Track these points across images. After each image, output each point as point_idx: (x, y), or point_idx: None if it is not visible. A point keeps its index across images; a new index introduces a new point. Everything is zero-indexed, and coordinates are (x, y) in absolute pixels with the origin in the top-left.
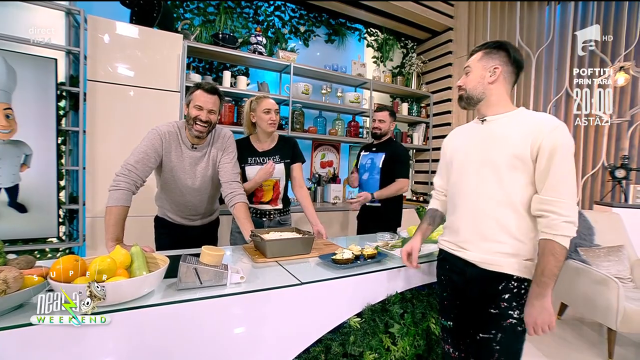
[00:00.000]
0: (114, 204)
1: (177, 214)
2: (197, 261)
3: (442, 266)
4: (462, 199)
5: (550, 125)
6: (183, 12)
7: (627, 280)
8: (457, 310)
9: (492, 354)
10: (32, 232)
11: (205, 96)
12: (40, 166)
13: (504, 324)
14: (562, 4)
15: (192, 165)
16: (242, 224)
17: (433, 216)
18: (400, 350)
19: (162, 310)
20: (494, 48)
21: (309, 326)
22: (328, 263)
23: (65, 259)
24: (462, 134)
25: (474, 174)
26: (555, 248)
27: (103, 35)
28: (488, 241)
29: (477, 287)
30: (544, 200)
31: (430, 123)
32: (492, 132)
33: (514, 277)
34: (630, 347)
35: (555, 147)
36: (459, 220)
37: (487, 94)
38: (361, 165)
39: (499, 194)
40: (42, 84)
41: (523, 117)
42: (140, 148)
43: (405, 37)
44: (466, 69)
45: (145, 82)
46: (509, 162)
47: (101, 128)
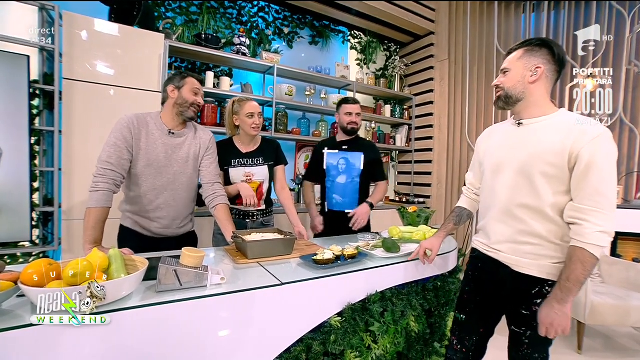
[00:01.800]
0: (93, 206)
1: (148, 219)
2: (177, 263)
3: (474, 263)
4: (494, 202)
5: (593, 133)
6: (165, 11)
7: (595, 276)
8: (474, 306)
9: (522, 345)
10: (2, 236)
11: (197, 83)
12: (11, 167)
13: (535, 324)
14: (536, 13)
15: (168, 153)
16: (224, 225)
17: (460, 215)
18: (380, 348)
19: (142, 313)
20: (537, 45)
21: (290, 326)
22: (309, 263)
23: (37, 262)
24: (496, 134)
25: (506, 178)
26: (585, 256)
27: (81, 32)
28: (520, 244)
29: (509, 287)
30: (578, 209)
31: (412, 125)
32: (528, 137)
33: (549, 282)
34: (598, 338)
35: (595, 156)
36: (491, 224)
37: (527, 93)
38: (331, 167)
39: (530, 200)
40: (12, 81)
41: (563, 121)
42: (109, 141)
43: (388, 40)
44: (503, 69)
45: (126, 82)
46: (543, 169)
47: (79, 128)
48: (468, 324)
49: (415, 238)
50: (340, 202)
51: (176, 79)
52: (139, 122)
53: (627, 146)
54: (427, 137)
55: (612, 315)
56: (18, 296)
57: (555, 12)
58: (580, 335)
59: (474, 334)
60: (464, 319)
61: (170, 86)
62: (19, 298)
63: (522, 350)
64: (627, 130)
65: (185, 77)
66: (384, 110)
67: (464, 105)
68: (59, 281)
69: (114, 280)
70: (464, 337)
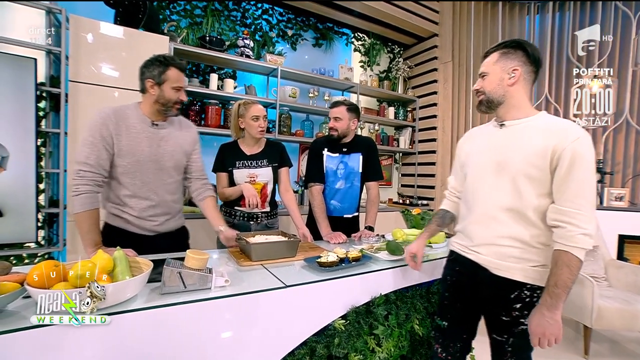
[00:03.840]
0: (80, 210)
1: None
2: (181, 265)
3: (452, 267)
4: (476, 204)
5: (573, 135)
6: (169, 13)
7: (601, 279)
8: (455, 312)
9: (505, 353)
10: (8, 237)
11: (181, 75)
12: (18, 168)
13: (515, 330)
14: (540, 14)
15: (153, 147)
16: (212, 216)
17: (443, 217)
18: (384, 351)
19: (146, 315)
20: (512, 47)
21: (294, 329)
22: (313, 266)
23: (43, 264)
24: (478, 136)
25: (489, 180)
26: (571, 260)
27: (86, 35)
28: (499, 246)
29: (488, 290)
30: (561, 211)
31: (416, 127)
32: (510, 139)
33: (527, 286)
34: (605, 343)
35: (576, 158)
36: (472, 225)
37: (508, 96)
38: (330, 172)
39: (513, 202)
40: (20, 84)
41: (544, 123)
42: (85, 140)
43: (391, 42)
44: (482, 73)
45: (130, 84)
46: (526, 171)
47: (84, 130)
48: (451, 330)
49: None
50: (339, 208)
51: (155, 71)
52: (117, 116)
53: (633, 148)
54: (431, 139)
55: (619, 320)
56: (24, 297)
57: (560, 14)
58: (587, 340)
59: (458, 341)
60: (446, 325)
61: (149, 80)
62: (25, 299)
63: (506, 359)
64: (633, 132)
65: (165, 69)
66: (387, 112)
67: (468, 107)
68: (64, 282)
69: (118, 282)
70: (447, 345)
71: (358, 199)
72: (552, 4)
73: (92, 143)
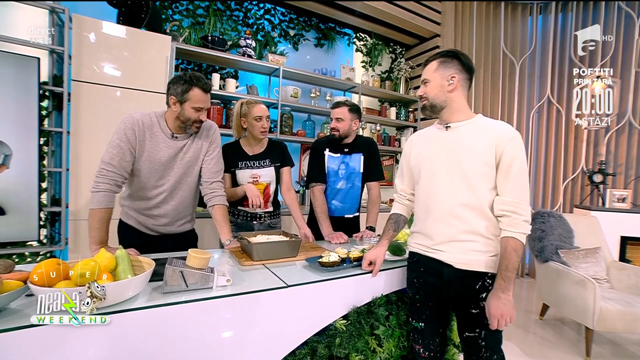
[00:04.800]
0: (95, 207)
1: (148, 217)
2: (183, 264)
3: (416, 269)
4: (434, 205)
5: (510, 135)
6: (172, 13)
7: (603, 281)
8: (430, 312)
9: (479, 349)
10: (11, 235)
11: (204, 96)
12: (21, 167)
13: (486, 322)
14: (543, 15)
15: (171, 156)
16: (220, 226)
17: (397, 221)
18: (385, 351)
19: (148, 314)
20: (448, 57)
21: (295, 328)
22: (315, 266)
23: (46, 262)
24: (425, 139)
25: (445, 181)
26: (517, 245)
27: (89, 34)
28: (462, 242)
29: (454, 286)
30: (506, 202)
31: (418, 127)
32: (458, 140)
33: (488, 275)
34: (607, 345)
35: (515, 155)
36: (432, 225)
37: (449, 101)
38: (332, 172)
39: (470, 198)
40: (23, 83)
41: (484, 125)
42: (113, 142)
43: (393, 42)
44: (424, 80)
45: (132, 83)
46: (478, 169)
47: (86, 129)
48: (428, 329)
49: None
50: (340, 208)
51: (179, 89)
52: (145, 123)
53: (636, 149)
54: None
55: (620, 322)
56: (27, 295)
57: (562, 15)
58: (589, 342)
59: (436, 336)
60: (423, 326)
61: (172, 97)
62: (29, 297)
63: (482, 355)
64: (636, 134)
65: (189, 89)
66: (389, 113)
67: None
68: (67, 281)
69: (120, 281)
70: (428, 344)
71: (359, 199)
72: (555, 4)
73: (118, 145)
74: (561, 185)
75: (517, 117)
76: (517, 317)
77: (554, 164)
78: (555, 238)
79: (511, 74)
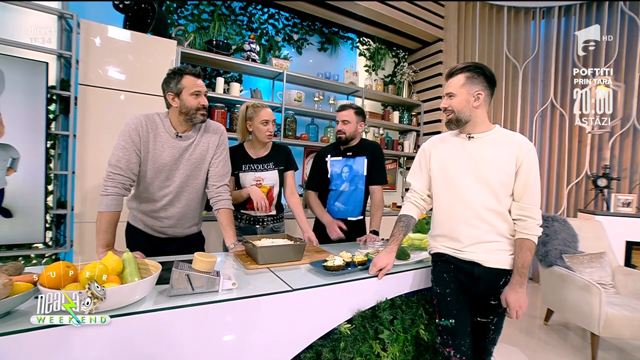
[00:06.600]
0: (103, 210)
1: (155, 219)
2: (189, 267)
3: (446, 266)
4: (461, 207)
5: (528, 147)
6: (177, 18)
7: (608, 286)
8: (460, 306)
9: (489, 331)
10: (17, 238)
11: (196, 80)
12: (28, 170)
13: (499, 310)
14: (546, 19)
15: (175, 157)
16: (225, 230)
17: (408, 224)
18: (390, 356)
19: (154, 317)
20: (475, 72)
21: (300, 332)
22: (319, 270)
23: (56, 265)
24: (448, 146)
25: (471, 187)
26: (531, 245)
27: (95, 39)
28: (489, 242)
29: (483, 283)
30: (524, 208)
31: (420, 131)
32: (482, 151)
33: (510, 271)
34: (613, 351)
35: (532, 165)
36: (459, 227)
37: (473, 116)
38: (335, 175)
39: (494, 204)
40: (32, 87)
41: (504, 136)
42: (118, 144)
43: (396, 46)
44: (449, 93)
45: (138, 87)
46: (501, 178)
47: (92, 132)
48: (460, 327)
49: (424, 245)
50: (343, 210)
51: (172, 83)
52: (148, 123)
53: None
54: None
55: (627, 328)
56: (36, 297)
57: (565, 19)
58: (594, 348)
59: (467, 336)
60: (454, 323)
61: (169, 94)
62: (37, 300)
63: (489, 336)
64: None
65: (180, 79)
66: (392, 117)
67: None
68: (76, 283)
69: (128, 284)
70: (460, 345)
71: (363, 202)
72: (558, 8)
73: (124, 147)
74: (565, 189)
75: (521, 121)
76: (521, 322)
77: (558, 168)
78: (559, 242)
79: (514, 78)
